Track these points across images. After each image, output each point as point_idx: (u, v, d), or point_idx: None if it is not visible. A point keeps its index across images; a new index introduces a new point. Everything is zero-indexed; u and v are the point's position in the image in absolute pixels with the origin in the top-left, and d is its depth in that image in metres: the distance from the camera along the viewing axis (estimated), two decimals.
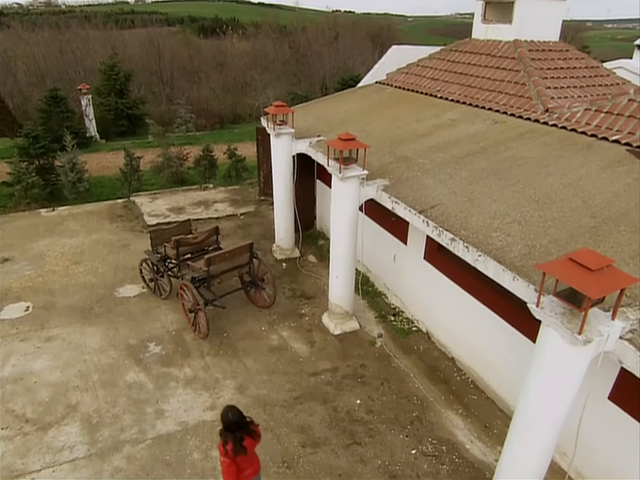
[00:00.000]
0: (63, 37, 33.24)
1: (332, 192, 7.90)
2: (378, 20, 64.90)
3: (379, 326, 8.74)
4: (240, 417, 4.55)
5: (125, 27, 54.99)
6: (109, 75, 23.75)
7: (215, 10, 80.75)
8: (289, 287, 9.86)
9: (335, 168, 7.57)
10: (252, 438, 4.62)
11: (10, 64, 29.98)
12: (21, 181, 12.74)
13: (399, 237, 8.92)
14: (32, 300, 9.18)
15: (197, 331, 8.25)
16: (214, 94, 29.19)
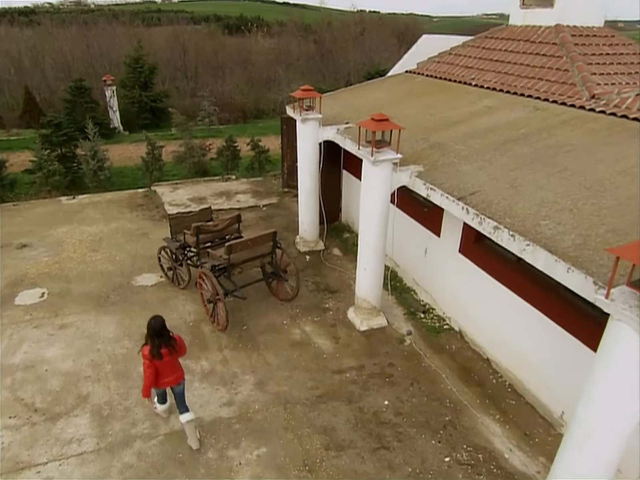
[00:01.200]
0: (90, 33, 33.40)
1: (363, 178, 7.39)
2: (403, 20, 64.13)
3: (407, 323, 8.20)
4: (161, 327, 5.28)
5: (152, 24, 55.29)
6: (133, 67, 23.62)
7: (241, 9, 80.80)
8: (312, 280, 9.38)
9: (366, 151, 7.07)
10: (167, 349, 5.31)
11: (38, 59, 30.19)
12: (42, 168, 12.53)
13: (431, 229, 8.35)
14: (47, 286, 8.88)
15: (216, 323, 7.82)
16: (237, 89, 28.94)
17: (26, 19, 44.32)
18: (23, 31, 37.08)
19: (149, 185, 13.64)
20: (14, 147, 18.19)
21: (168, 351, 5.34)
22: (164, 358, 5.32)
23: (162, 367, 5.38)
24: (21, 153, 16.87)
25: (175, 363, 5.54)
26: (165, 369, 5.42)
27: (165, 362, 5.37)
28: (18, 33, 34.42)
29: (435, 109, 9.63)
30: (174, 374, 5.56)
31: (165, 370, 5.43)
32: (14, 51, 29.95)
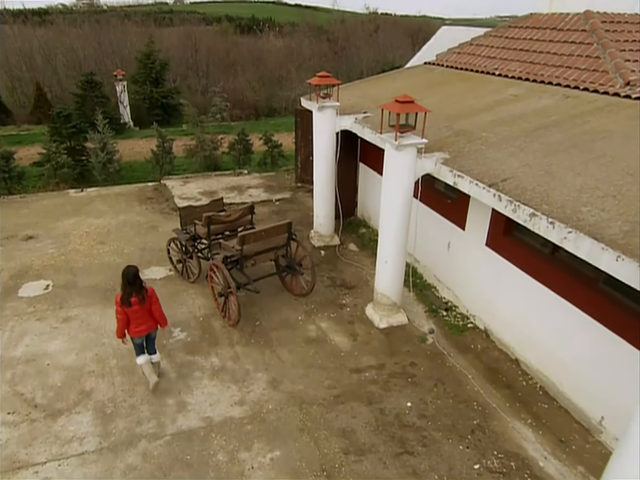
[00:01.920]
0: (102, 31, 33.30)
1: (385, 165, 6.98)
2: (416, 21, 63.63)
3: (429, 321, 7.76)
4: (133, 277, 5.57)
5: (164, 25, 55.26)
6: (145, 63, 23.39)
7: (252, 11, 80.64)
8: (327, 276, 8.97)
9: (389, 136, 6.67)
10: (137, 298, 5.59)
11: (50, 56, 30.12)
12: (51, 160, 12.26)
13: (455, 221, 7.91)
14: (52, 278, 8.55)
15: (227, 317, 7.44)
16: (249, 86, 28.66)
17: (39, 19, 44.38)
18: (36, 30, 37.14)
19: (159, 178, 13.32)
20: (24, 142, 18.00)
21: (138, 300, 5.63)
22: (133, 306, 5.63)
23: (133, 315, 5.70)
24: (30, 147, 16.67)
25: (146, 313, 5.84)
26: (136, 317, 5.73)
27: (135, 311, 5.68)
28: (31, 31, 34.39)
29: (458, 97, 9.22)
30: (146, 324, 5.87)
31: (136, 319, 5.75)
32: (26, 48, 29.92)
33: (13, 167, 12.20)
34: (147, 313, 5.84)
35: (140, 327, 5.83)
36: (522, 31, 10.38)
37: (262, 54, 36.59)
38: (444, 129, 7.75)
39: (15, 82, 28.18)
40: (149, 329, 5.92)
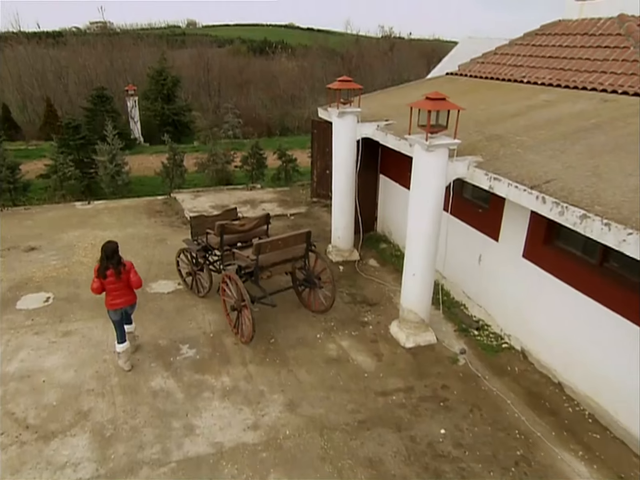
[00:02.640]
0: (114, 49, 33.78)
1: (414, 168, 6.57)
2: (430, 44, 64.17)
3: (459, 341, 7.23)
4: (112, 252, 5.94)
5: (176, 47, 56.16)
6: (156, 80, 23.47)
7: (265, 34, 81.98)
8: (347, 292, 8.49)
9: (419, 136, 6.28)
10: (114, 271, 5.90)
11: (62, 73, 30.49)
12: (57, 171, 12.02)
13: (488, 232, 7.44)
14: (53, 291, 8.17)
15: (240, 334, 6.97)
16: (262, 104, 28.70)
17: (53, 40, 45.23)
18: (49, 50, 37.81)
19: (168, 192, 13.03)
20: (32, 156, 17.93)
21: (114, 274, 5.91)
22: (107, 278, 5.90)
23: (109, 287, 5.98)
24: (38, 161, 16.53)
25: (124, 288, 6.09)
26: (111, 290, 6.00)
27: (110, 282, 5.94)
28: (44, 51, 34.96)
29: (486, 104, 8.87)
30: (123, 297, 6.11)
31: (112, 292, 6.01)
32: (39, 66, 30.35)
33: (18, 178, 11.97)
34: (124, 287, 6.08)
35: (116, 300, 6.06)
36: (550, 38, 10.09)
37: (275, 74, 36.82)
38: (474, 134, 7.37)
39: (26, 99, 28.46)
40: (125, 303, 6.14)
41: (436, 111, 6.16)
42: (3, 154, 11.73)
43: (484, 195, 7.74)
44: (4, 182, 11.59)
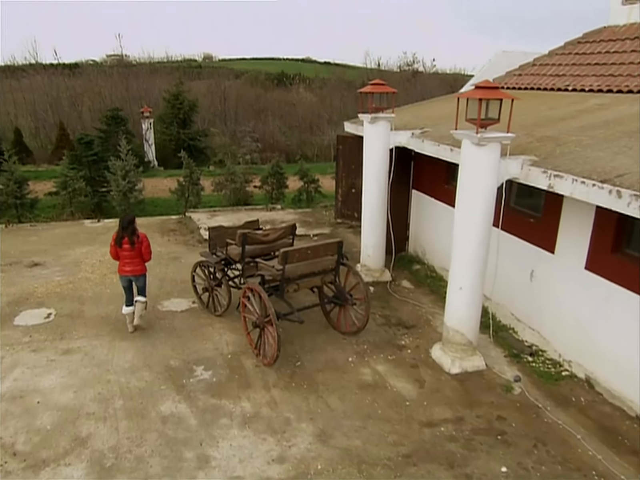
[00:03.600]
0: (130, 77, 34.40)
1: (461, 167, 6.04)
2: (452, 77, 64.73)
3: (512, 367, 6.52)
4: (127, 222, 6.63)
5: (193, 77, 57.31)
6: (173, 103, 23.56)
7: (282, 67, 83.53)
8: (380, 314, 7.87)
9: (468, 131, 5.79)
10: (128, 241, 6.58)
11: (77, 100, 30.98)
12: (67, 187, 11.72)
13: (541, 243, 6.82)
14: (56, 307, 7.69)
15: (261, 355, 6.36)
16: (280, 131, 28.69)
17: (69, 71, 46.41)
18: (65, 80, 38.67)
19: (183, 211, 12.66)
20: (41, 177, 17.82)
21: (129, 243, 6.62)
22: (123, 246, 6.63)
23: (122, 255, 6.69)
24: (47, 182, 16.37)
25: (136, 257, 6.75)
26: (123, 257, 6.70)
27: (124, 250, 6.66)
28: (60, 80, 35.70)
29: (529, 110, 8.42)
30: (131, 267, 6.75)
31: (123, 259, 6.71)
32: (54, 92, 30.90)
33: (26, 194, 11.69)
34: (137, 256, 6.75)
35: (125, 267, 6.73)
36: (595, 45, 9.71)
37: (293, 102, 37.12)
38: (523, 137, 6.87)
39: (39, 124, 28.83)
40: (132, 272, 6.74)
41: (487, 102, 5.68)
42: (12, 168, 11.48)
43: (535, 203, 7.18)
44: (11, 197, 11.31)
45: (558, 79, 9.61)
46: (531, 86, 10.00)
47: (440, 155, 7.71)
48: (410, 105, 12.24)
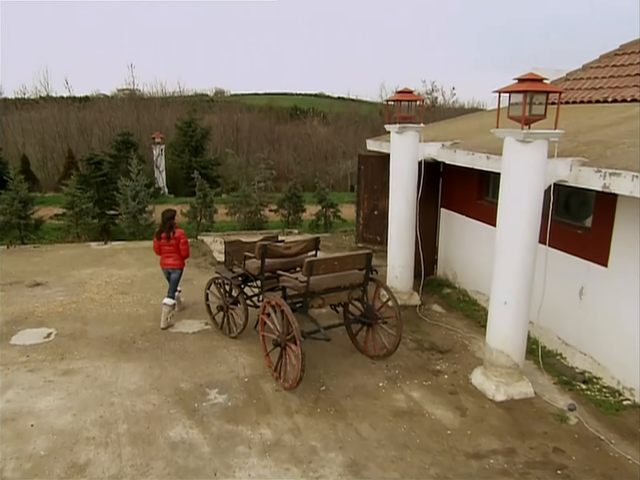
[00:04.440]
0: (142, 106, 34.95)
1: (504, 168, 5.69)
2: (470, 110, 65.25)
3: (564, 396, 5.98)
4: (167, 218, 7.39)
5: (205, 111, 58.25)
6: (185, 131, 23.67)
7: (295, 102, 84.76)
8: (410, 338, 7.41)
9: (512, 129, 5.48)
10: (165, 235, 7.35)
11: (86, 130, 31.40)
12: (74, 207, 11.53)
13: (591, 256, 6.37)
14: (57, 326, 7.34)
15: (282, 379, 5.90)
16: (294, 161, 28.73)
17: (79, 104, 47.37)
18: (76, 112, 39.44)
19: (195, 234, 12.38)
20: (47, 202, 17.74)
21: (166, 236, 7.32)
22: (161, 240, 7.36)
23: (162, 248, 7.45)
24: (53, 207, 16.27)
25: (174, 252, 7.45)
26: (163, 251, 7.47)
27: (162, 244, 7.40)
28: (70, 110, 36.35)
29: (569, 121, 8.12)
30: (169, 260, 7.47)
31: (163, 252, 7.48)
32: (64, 121, 31.39)
33: (30, 214, 11.51)
34: (174, 251, 7.42)
35: (165, 260, 7.49)
36: (634, 56, 9.52)
37: (308, 133, 37.44)
38: (567, 142, 6.55)
39: (47, 154, 29.15)
40: (169, 265, 7.46)
41: (531, 96, 5.38)
42: (17, 187, 11.34)
43: (583, 212, 6.79)
44: (14, 217, 11.13)
45: (595, 91, 9.37)
46: (565, 100, 9.75)
47: (475, 164, 7.38)
48: (436, 123, 12.05)
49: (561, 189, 6.71)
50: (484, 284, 8.20)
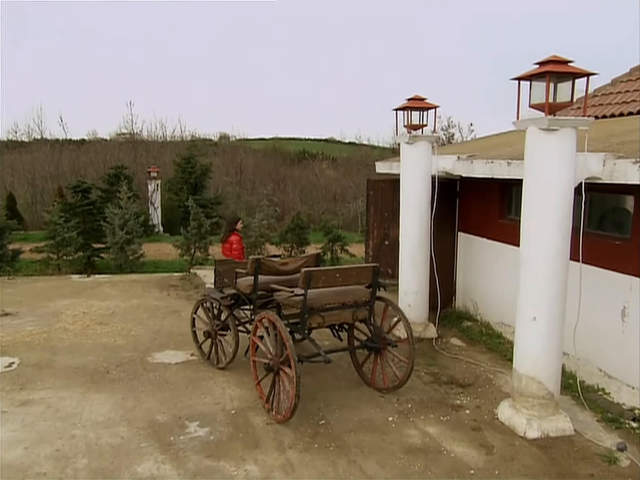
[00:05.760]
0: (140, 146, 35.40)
1: (527, 162, 5.36)
2: None
3: (610, 434, 5.42)
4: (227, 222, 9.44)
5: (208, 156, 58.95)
6: (184, 167, 23.63)
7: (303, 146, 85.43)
8: (426, 371, 6.91)
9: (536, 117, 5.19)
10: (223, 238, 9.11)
11: (80, 170, 31.69)
12: (56, 236, 11.28)
13: (633, 269, 5.91)
14: (22, 356, 6.98)
15: (275, 410, 5.41)
16: (301, 200, 28.68)
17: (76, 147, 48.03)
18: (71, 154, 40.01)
19: (187, 268, 12.05)
20: (30, 239, 17.56)
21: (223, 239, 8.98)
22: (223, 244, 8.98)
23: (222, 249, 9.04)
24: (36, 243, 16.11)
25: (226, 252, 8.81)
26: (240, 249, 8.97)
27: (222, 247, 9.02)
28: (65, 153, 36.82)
29: (599, 129, 7.94)
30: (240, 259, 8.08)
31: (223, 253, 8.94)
32: (56, 162, 31.78)
33: (6, 244, 11.27)
34: (227, 254, 8.67)
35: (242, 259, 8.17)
36: None
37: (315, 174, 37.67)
38: (597, 143, 6.24)
39: (37, 194, 29.35)
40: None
41: (555, 79, 5.10)
42: None
43: (619, 219, 6.40)
44: None
45: (627, 105, 9.17)
46: (595, 115, 9.54)
47: (495, 174, 7.09)
48: (449, 145, 11.85)
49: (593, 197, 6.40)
50: (509, 314, 7.68)
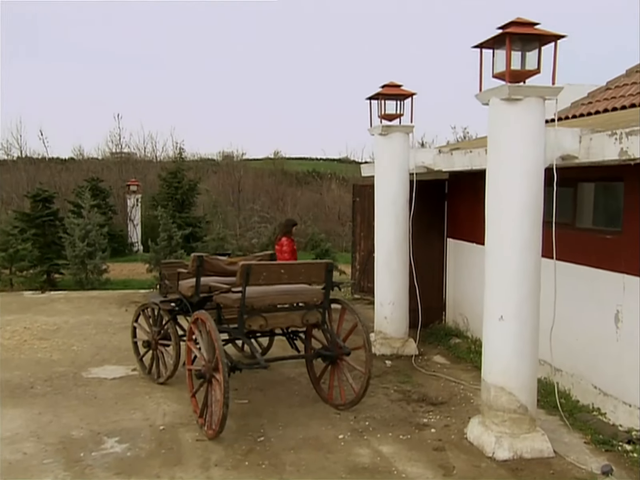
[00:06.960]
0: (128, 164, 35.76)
1: (490, 135, 5.21)
2: None
3: (597, 457, 5.10)
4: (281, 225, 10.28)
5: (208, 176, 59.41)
6: (169, 182, 23.56)
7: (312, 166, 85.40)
8: (395, 388, 6.70)
9: None
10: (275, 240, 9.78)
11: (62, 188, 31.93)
12: (8, 248, 11.23)
13: (627, 266, 5.65)
14: None
15: (207, 425, 5.20)
16: (301, 220, 28.58)
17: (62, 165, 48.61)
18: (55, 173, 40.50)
19: (155, 284, 11.89)
20: None
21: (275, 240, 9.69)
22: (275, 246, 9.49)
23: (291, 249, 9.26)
24: None
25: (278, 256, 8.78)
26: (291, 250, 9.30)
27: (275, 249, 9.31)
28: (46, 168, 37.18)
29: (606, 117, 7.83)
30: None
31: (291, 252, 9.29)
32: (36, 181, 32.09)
33: None
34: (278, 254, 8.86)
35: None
36: None
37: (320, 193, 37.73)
38: None
39: None
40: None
41: (520, 46, 4.93)
42: None
43: (610, 211, 6.17)
44: None
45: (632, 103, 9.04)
46: (605, 108, 9.45)
47: (474, 164, 6.96)
48: None
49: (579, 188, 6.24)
50: None
